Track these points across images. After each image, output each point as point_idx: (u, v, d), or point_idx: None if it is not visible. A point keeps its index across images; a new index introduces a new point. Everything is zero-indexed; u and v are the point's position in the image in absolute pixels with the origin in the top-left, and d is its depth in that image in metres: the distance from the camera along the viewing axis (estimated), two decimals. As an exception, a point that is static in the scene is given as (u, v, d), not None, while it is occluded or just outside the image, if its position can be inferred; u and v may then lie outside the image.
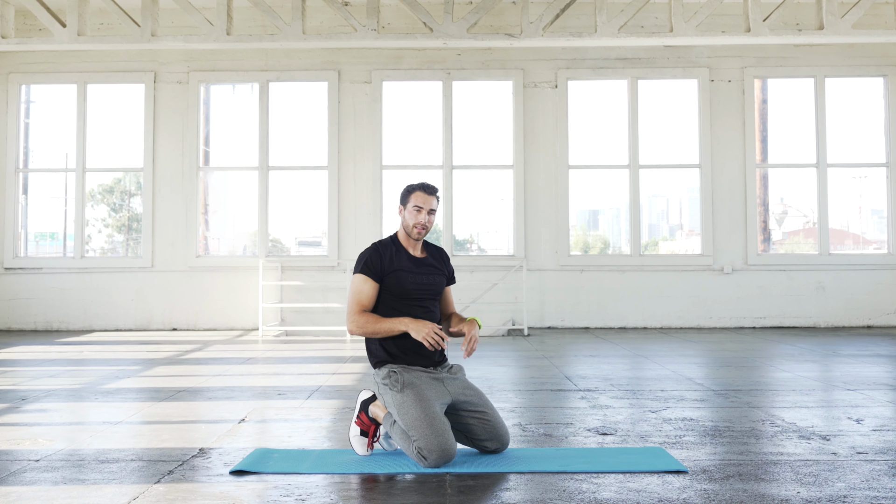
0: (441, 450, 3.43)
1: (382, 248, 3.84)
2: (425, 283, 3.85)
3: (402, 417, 3.55)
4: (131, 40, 9.12)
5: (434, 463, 3.43)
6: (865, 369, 6.66)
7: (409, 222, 3.85)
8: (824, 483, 3.24)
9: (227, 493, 3.15)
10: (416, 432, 3.48)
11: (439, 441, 3.44)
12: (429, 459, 3.43)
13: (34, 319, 10.97)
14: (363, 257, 3.82)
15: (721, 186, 10.99)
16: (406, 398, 3.57)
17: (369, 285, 3.76)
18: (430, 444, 3.44)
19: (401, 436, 3.58)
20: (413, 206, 3.84)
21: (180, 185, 11.08)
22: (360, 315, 3.73)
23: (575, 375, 6.40)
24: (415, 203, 3.84)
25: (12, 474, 3.42)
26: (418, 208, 3.83)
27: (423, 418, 3.49)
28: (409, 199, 3.86)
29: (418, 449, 3.45)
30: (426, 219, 3.85)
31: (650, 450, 3.80)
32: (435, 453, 3.42)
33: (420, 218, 3.83)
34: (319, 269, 10.93)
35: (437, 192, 3.92)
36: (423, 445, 3.44)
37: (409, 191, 3.90)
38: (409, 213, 3.85)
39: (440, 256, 4.02)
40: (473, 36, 9.04)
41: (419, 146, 11.55)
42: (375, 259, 3.79)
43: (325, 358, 8.04)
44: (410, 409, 3.53)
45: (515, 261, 10.73)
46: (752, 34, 8.99)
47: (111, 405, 5.17)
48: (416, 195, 3.86)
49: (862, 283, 10.86)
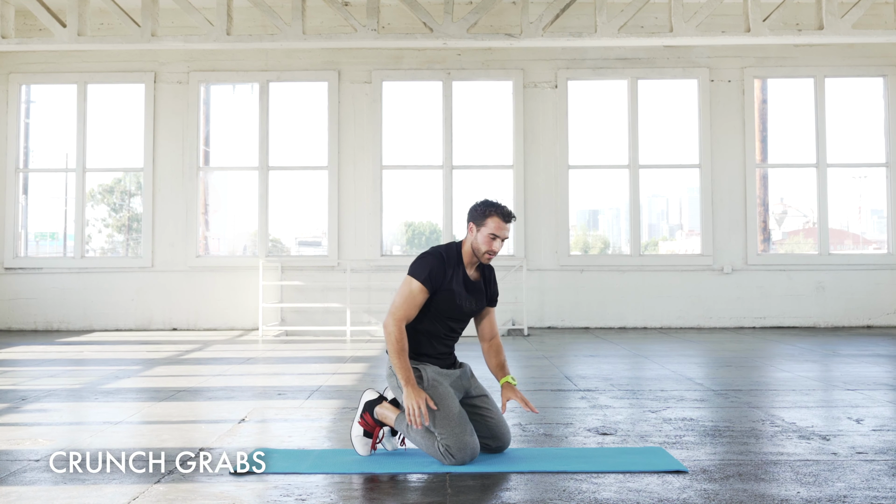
0: (470, 448, 3.50)
1: (448, 261, 3.69)
2: (467, 308, 3.75)
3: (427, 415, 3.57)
4: (131, 40, 9.12)
5: (461, 460, 3.49)
6: (865, 369, 6.66)
7: (480, 247, 3.68)
8: (824, 483, 3.24)
9: (227, 493, 3.15)
10: (443, 430, 3.50)
11: (468, 439, 3.51)
12: (456, 457, 3.48)
13: (34, 319, 10.97)
14: (428, 265, 3.64)
15: (721, 186, 10.99)
16: (431, 394, 3.59)
17: (423, 297, 3.62)
18: (459, 442, 3.48)
19: (423, 434, 3.58)
20: (489, 234, 3.65)
21: (180, 184, 11.08)
22: (400, 328, 3.58)
23: (575, 375, 6.40)
24: (492, 230, 3.65)
25: (12, 474, 3.43)
26: (493, 236, 3.66)
27: (450, 416, 3.53)
28: (486, 223, 3.66)
29: (446, 447, 3.49)
30: (499, 246, 3.71)
31: (650, 450, 3.81)
32: (463, 451, 3.48)
33: (494, 246, 3.68)
34: (319, 269, 10.93)
35: (514, 218, 3.76)
36: (451, 444, 3.48)
37: (486, 213, 3.68)
38: (484, 237, 3.66)
39: (489, 278, 3.87)
40: (473, 36, 9.04)
41: (419, 146, 11.55)
42: (440, 272, 3.64)
43: (325, 358, 8.04)
44: (437, 405, 3.55)
45: (515, 261, 10.73)
46: (752, 34, 8.99)
47: (111, 405, 5.17)
48: (495, 221, 3.65)
49: (862, 283, 10.86)
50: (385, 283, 10.74)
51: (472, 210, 3.74)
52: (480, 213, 3.68)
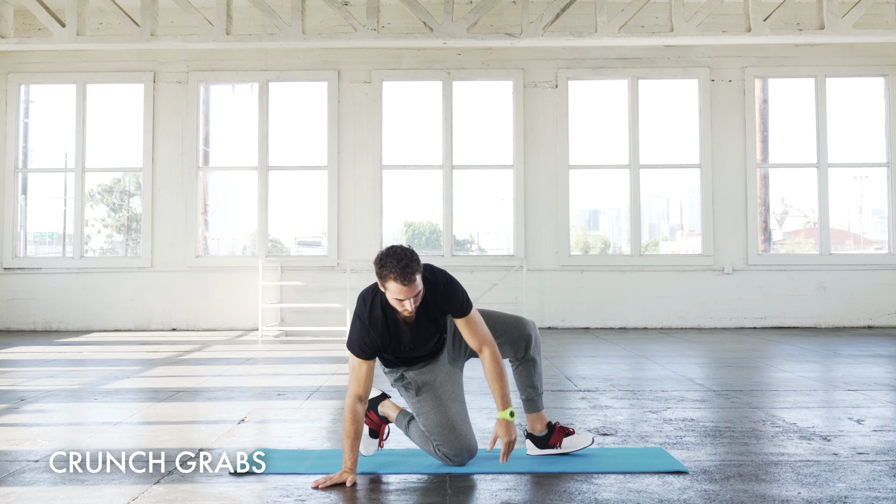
0: (466, 451, 3.52)
1: (373, 324, 3.33)
2: (419, 345, 3.47)
3: (421, 420, 3.56)
4: (131, 40, 9.12)
5: (459, 462, 3.51)
6: (866, 370, 6.65)
7: (396, 308, 3.30)
8: (825, 483, 3.23)
9: (227, 493, 3.14)
10: (438, 437, 3.51)
11: (463, 443, 3.51)
12: (454, 461, 3.50)
13: (33, 320, 10.96)
14: (354, 337, 3.36)
15: (721, 186, 10.98)
16: (424, 402, 3.55)
17: (366, 367, 3.35)
18: (455, 448, 3.49)
19: (419, 436, 3.59)
20: (394, 297, 3.23)
21: (180, 185, 11.07)
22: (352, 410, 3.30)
23: (575, 376, 6.40)
24: (395, 295, 3.22)
25: (12, 474, 3.42)
26: (399, 300, 3.24)
27: (445, 423, 3.50)
28: (387, 287, 3.23)
29: (444, 454, 3.50)
30: (412, 305, 3.25)
31: (650, 450, 3.80)
32: (460, 455, 3.51)
33: (406, 306, 3.25)
34: (319, 269, 10.92)
35: (418, 270, 3.21)
36: (447, 451, 3.49)
37: (382, 274, 3.21)
38: (391, 299, 3.26)
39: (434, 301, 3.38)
40: (473, 36, 9.03)
41: (419, 146, 11.54)
42: (367, 341, 3.34)
43: (325, 358, 8.04)
44: (430, 414, 3.53)
45: (515, 261, 10.72)
46: (753, 34, 8.98)
47: (110, 405, 5.16)
48: (394, 286, 3.20)
49: (863, 284, 10.85)
50: (385, 283, 10.71)
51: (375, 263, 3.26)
52: (378, 273, 3.23)
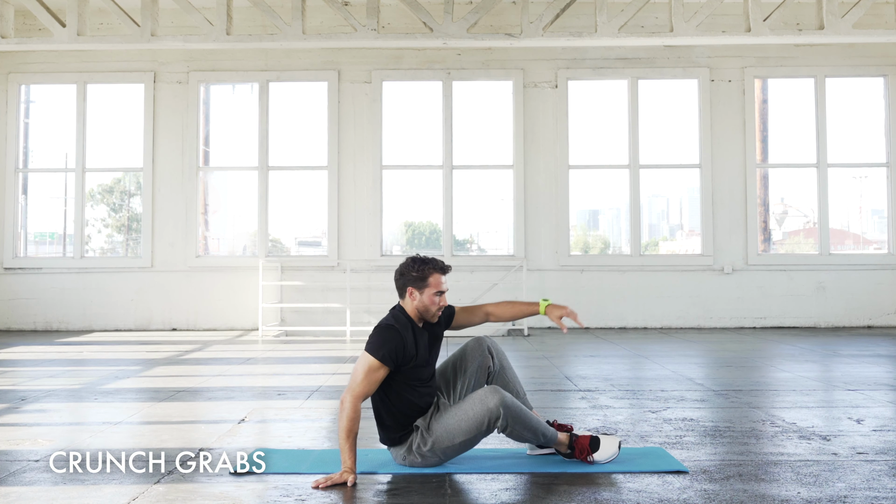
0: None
1: (404, 328, 3.48)
2: (432, 357, 3.61)
3: (435, 438, 3.49)
4: (131, 40, 9.12)
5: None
6: (866, 369, 6.66)
7: (429, 308, 3.53)
8: (825, 483, 3.24)
9: (227, 493, 3.15)
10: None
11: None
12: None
13: (34, 319, 10.96)
14: (387, 342, 3.41)
15: (721, 186, 10.99)
16: (436, 448, 3.49)
17: (383, 373, 3.41)
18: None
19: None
20: (435, 292, 3.52)
21: (180, 184, 11.08)
22: (356, 408, 3.35)
23: (575, 375, 6.40)
24: (436, 288, 3.52)
25: (12, 474, 3.42)
26: (440, 293, 3.53)
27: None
28: (428, 283, 3.51)
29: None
30: (445, 301, 3.60)
31: (650, 450, 3.80)
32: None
33: (443, 302, 3.56)
34: (319, 269, 10.93)
35: (451, 269, 3.63)
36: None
37: (425, 273, 3.51)
38: (429, 297, 3.51)
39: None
40: (473, 36, 9.04)
41: (419, 146, 11.54)
42: (399, 347, 3.42)
43: (325, 358, 8.04)
44: (443, 439, 3.49)
45: (515, 261, 10.72)
46: (753, 34, 8.98)
47: (111, 405, 5.16)
48: (436, 278, 3.52)
49: (862, 284, 10.86)
50: (385, 283, 10.73)
51: (404, 276, 3.54)
52: (419, 275, 3.51)
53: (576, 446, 3.53)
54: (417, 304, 3.53)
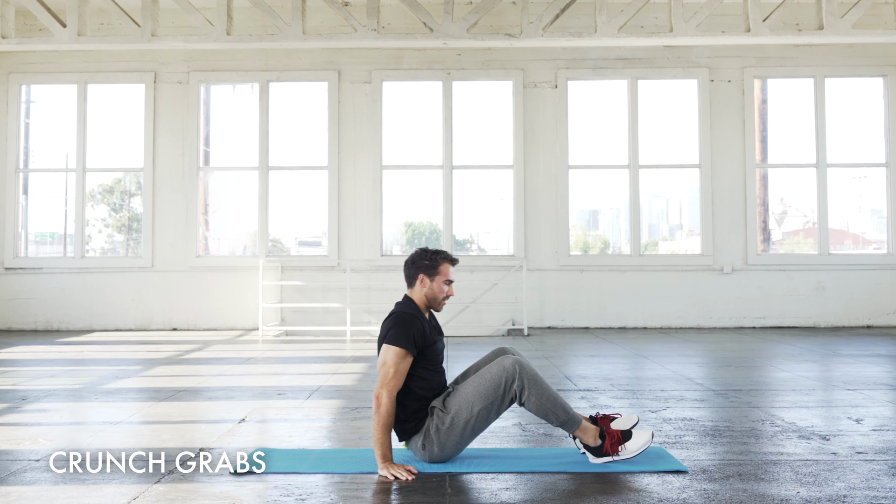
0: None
1: (420, 315, 3.64)
2: (442, 350, 3.77)
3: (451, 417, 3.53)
4: (131, 40, 9.12)
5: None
6: (865, 369, 6.66)
7: (437, 295, 3.69)
8: (824, 483, 3.24)
9: (227, 493, 3.15)
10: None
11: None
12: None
13: (34, 319, 10.97)
14: (409, 329, 3.52)
15: (721, 186, 10.99)
16: (452, 432, 3.54)
17: (410, 360, 3.51)
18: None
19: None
20: (445, 280, 3.69)
21: (180, 184, 11.08)
22: (393, 402, 3.44)
23: (575, 375, 6.41)
24: (446, 277, 3.70)
25: (12, 474, 3.43)
26: (449, 282, 3.71)
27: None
28: (439, 272, 3.68)
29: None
30: (453, 290, 3.78)
31: (650, 449, 3.80)
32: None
33: (451, 291, 3.74)
34: (319, 269, 10.93)
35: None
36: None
37: (436, 262, 3.69)
38: (438, 285, 3.68)
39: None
40: (473, 36, 9.04)
41: (419, 146, 11.55)
42: (420, 332, 3.56)
43: (325, 358, 8.04)
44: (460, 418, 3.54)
45: (515, 261, 10.73)
46: (752, 34, 8.99)
47: (111, 405, 5.17)
48: (447, 267, 3.71)
49: (862, 283, 10.86)
50: (385, 283, 10.74)
51: (416, 263, 3.70)
52: (431, 264, 3.68)
53: (607, 436, 3.52)
54: (427, 292, 3.68)
